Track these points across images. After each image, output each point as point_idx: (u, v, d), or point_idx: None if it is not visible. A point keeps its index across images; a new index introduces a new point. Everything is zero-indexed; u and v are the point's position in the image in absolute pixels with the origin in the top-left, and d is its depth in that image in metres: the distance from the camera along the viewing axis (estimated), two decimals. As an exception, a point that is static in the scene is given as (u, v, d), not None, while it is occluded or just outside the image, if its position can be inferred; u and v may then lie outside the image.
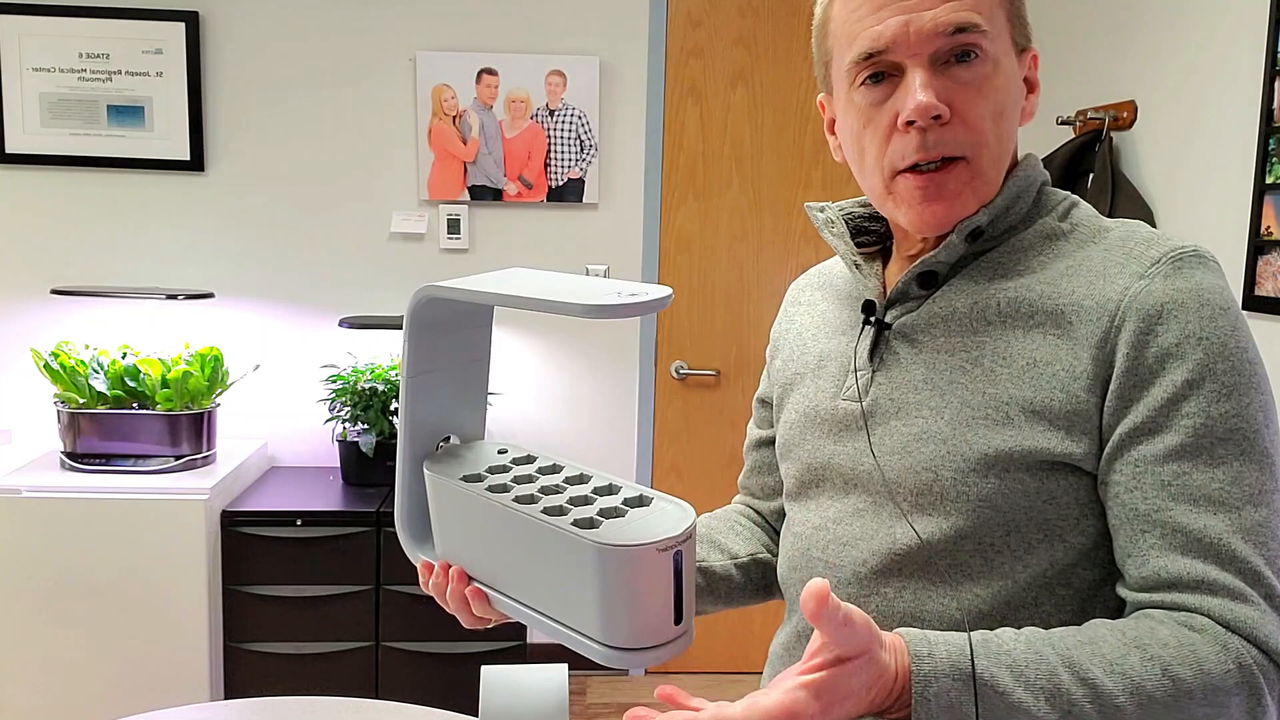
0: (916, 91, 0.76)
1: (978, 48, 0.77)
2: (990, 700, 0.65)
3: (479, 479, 0.77)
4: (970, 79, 0.77)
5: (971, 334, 0.80)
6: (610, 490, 0.76)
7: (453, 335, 0.81)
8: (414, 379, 0.78)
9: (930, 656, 0.66)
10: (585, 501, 0.74)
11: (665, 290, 0.68)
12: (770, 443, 1.04)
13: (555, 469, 0.79)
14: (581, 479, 0.77)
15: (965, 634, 0.68)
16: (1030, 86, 0.83)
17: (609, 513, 0.72)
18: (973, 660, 0.66)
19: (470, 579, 0.78)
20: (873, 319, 0.86)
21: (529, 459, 0.81)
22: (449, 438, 0.83)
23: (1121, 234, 0.79)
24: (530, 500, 0.73)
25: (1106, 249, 0.78)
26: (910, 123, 0.78)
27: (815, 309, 0.98)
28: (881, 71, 0.79)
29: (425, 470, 0.79)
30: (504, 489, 0.75)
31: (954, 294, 0.82)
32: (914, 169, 0.79)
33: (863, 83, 0.80)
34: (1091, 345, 0.74)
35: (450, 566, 0.79)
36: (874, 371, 0.85)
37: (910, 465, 0.79)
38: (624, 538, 0.67)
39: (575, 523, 0.69)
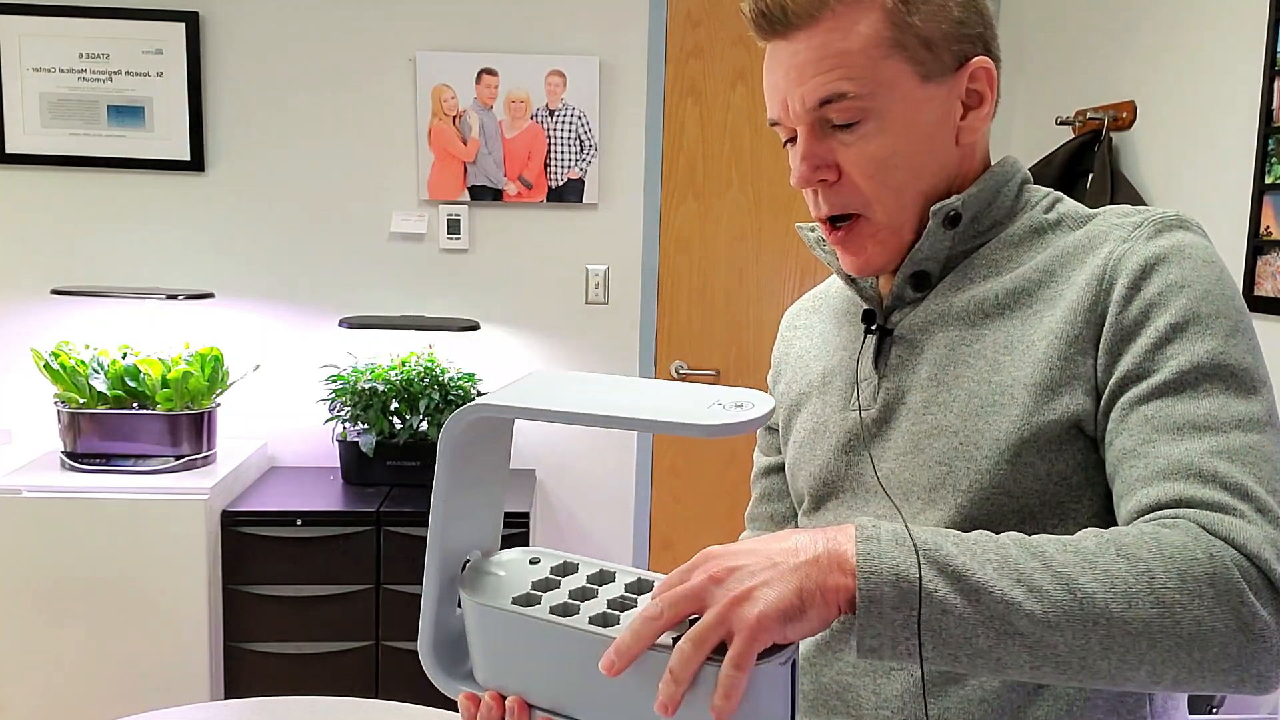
0: (798, 162, 0.82)
1: (852, 111, 0.79)
2: (937, 563, 0.63)
3: (532, 601, 0.71)
4: (852, 140, 0.80)
5: (971, 327, 0.81)
6: None
7: (483, 448, 0.76)
8: (447, 503, 0.73)
9: (874, 526, 0.65)
10: None
11: (770, 402, 0.65)
12: (778, 469, 1.03)
13: (607, 577, 0.74)
14: (641, 586, 0.72)
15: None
16: (975, 101, 0.82)
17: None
18: (911, 533, 0.65)
19: (530, 707, 0.71)
20: (874, 327, 0.87)
21: (569, 567, 0.75)
22: (467, 557, 0.78)
23: (1104, 214, 0.82)
24: (605, 621, 0.67)
25: (1089, 229, 0.81)
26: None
27: (813, 331, 0.99)
28: (792, 135, 0.84)
29: (465, 597, 0.72)
30: (566, 610, 0.69)
31: (949, 292, 0.84)
32: (826, 220, 0.85)
33: (785, 143, 0.86)
34: (1084, 310, 0.76)
35: (504, 697, 0.72)
36: (880, 378, 0.85)
37: (924, 461, 0.80)
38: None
39: (676, 640, 0.63)
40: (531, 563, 0.76)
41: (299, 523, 2.31)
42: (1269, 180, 1.75)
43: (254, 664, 2.33)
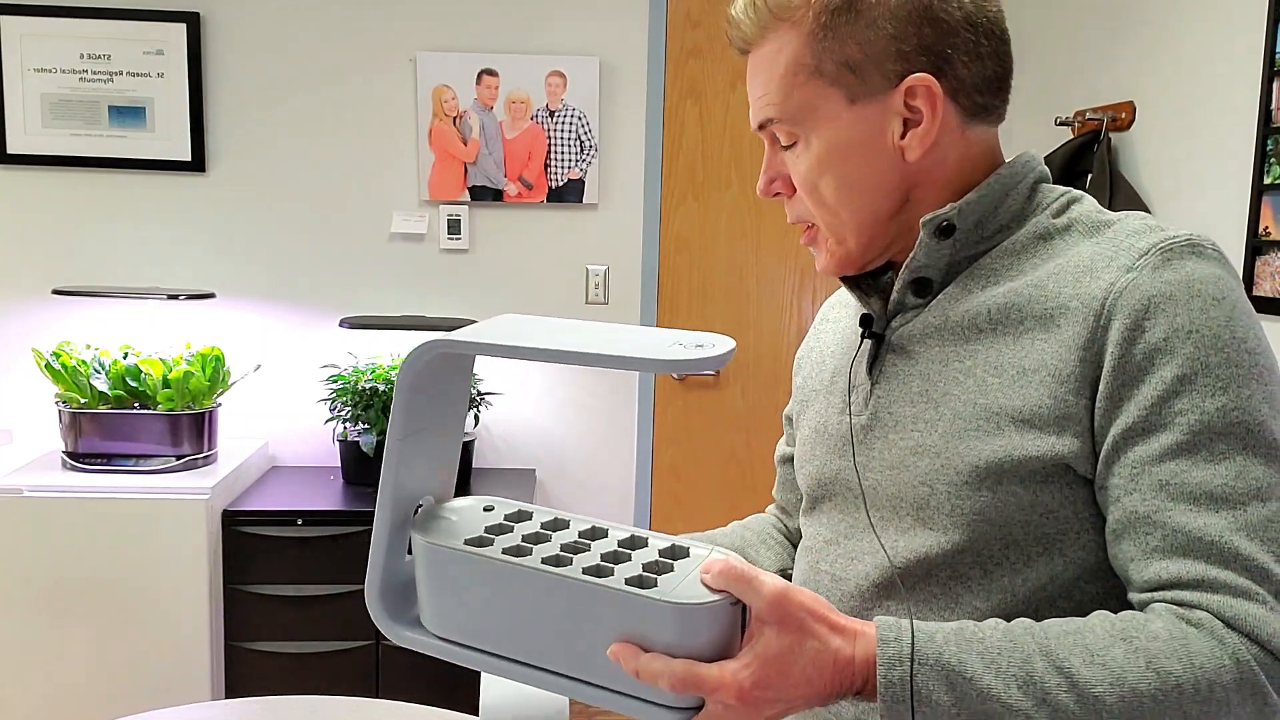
0: (761, 174, 0.88)
1: (785, 134, 0.82)
2: (958, 685, 0.64)
3: (484, 543, 0.69)
4: (792, 160, 0.84)
5: (964, 343, 0.79)
6: (638, 543, 0.70)
7: (441, 390, 0.74)
8: (404, 441, 0.71)
9: (896, 641, 0.65)
10: (619, 558, 0.68)
11: (730, 343, 0.65)
12: (791, 459, 1.05)
13: (561, 524, 0.73)
14: (596, 532, 0.72)
15: (940, 623, 0.68)
16: (916, 119, 0.79)
17: (654, 568, 0.67)
18: (912, 644, 0.66)
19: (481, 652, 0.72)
20: (869, 332, 0.86)
21: (524, 514, 0.74)
22: (419, 503, 0.76)
23: (1118, 228, 0.77)
24: (557, 562, 0.66)
25: (1098, 244, 0.76)
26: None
27: (838, 326, 0.98)
28: None
29: (417, 539, 0.71)
30: (519, 551, 0.68)
31: (948, 302, 0.81)
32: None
33: None
34: (1078, 346, 0.72)
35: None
36: (874, 385, 0.85)
37: (908, 480, 0.79)
38: (694, 594, 0.64)
39: (628, 581, 0.64)
40: (485, 510, 0.75)
41: (299, 522, 2.31)
42: (1268, 180, 1.75)
43: (254, 664, 2.33)
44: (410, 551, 0.74)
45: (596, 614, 0.64)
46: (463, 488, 2.55)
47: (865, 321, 0.86)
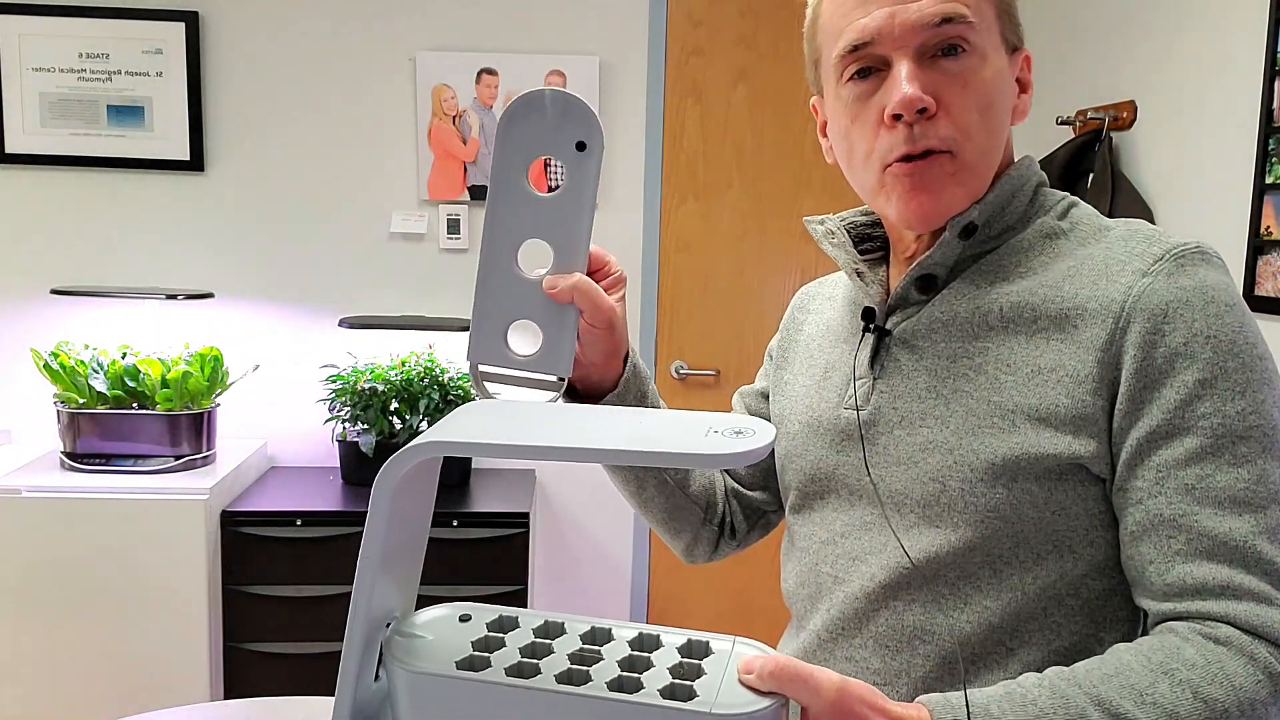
0: (902, 84, 0.76)
1: (964, 40, 0.77)
2: None
3: (479, 664, 0.62)
4: (958, 71, 0.77)
5: (974, 339, 0.78)
6: (649, 643, 0.63)
7: (415, 495, 0.66)
8: (382, 562, 0.61)
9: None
10: (638, 664, 0.61)
11: (772, 431, 0.57)
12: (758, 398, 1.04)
13: (557, 628, 0.65)
14: (599, 635, 0.64)
15: (986, 691, 0.66)
16: (1023, 86, 0.83)
17: (682, 672, 0.60)
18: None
19: None
20: (873, 326, 0.85)
21: (509, 622, 0.66)
22: (388, 622, 0.68)
23: (1123, 232, 0.78)
24: (571, 678, 0.59)
25: (1108, 247, 0.77)
26: (897, 116, 0.76)
27: (823, 316, 0.97)
28: (869, 66, 0.79)
29: (398, 670, 0.62)
30: (523, 670, 0.60)
31: (954, 298, 0.81)
32: (903, 159, 0.78)
33: (850, 78, 0.80)
34: (1096, 348, 0.73)
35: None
36: (875, 380, 0.83)
37: (917, 476, 0.78)
38: (740, 700, 0.58)
39: (662, 693, 0.58)
40: (462, 619, 0.67)
41: (299, 523, 2.31)
42: (1269, 180, 1.75)
43: (254, 664, 2.33)
44: (378, 676, 0.66)
45: None
46: (463, 488, 2.55)
47: (867, 314, 0.85)
